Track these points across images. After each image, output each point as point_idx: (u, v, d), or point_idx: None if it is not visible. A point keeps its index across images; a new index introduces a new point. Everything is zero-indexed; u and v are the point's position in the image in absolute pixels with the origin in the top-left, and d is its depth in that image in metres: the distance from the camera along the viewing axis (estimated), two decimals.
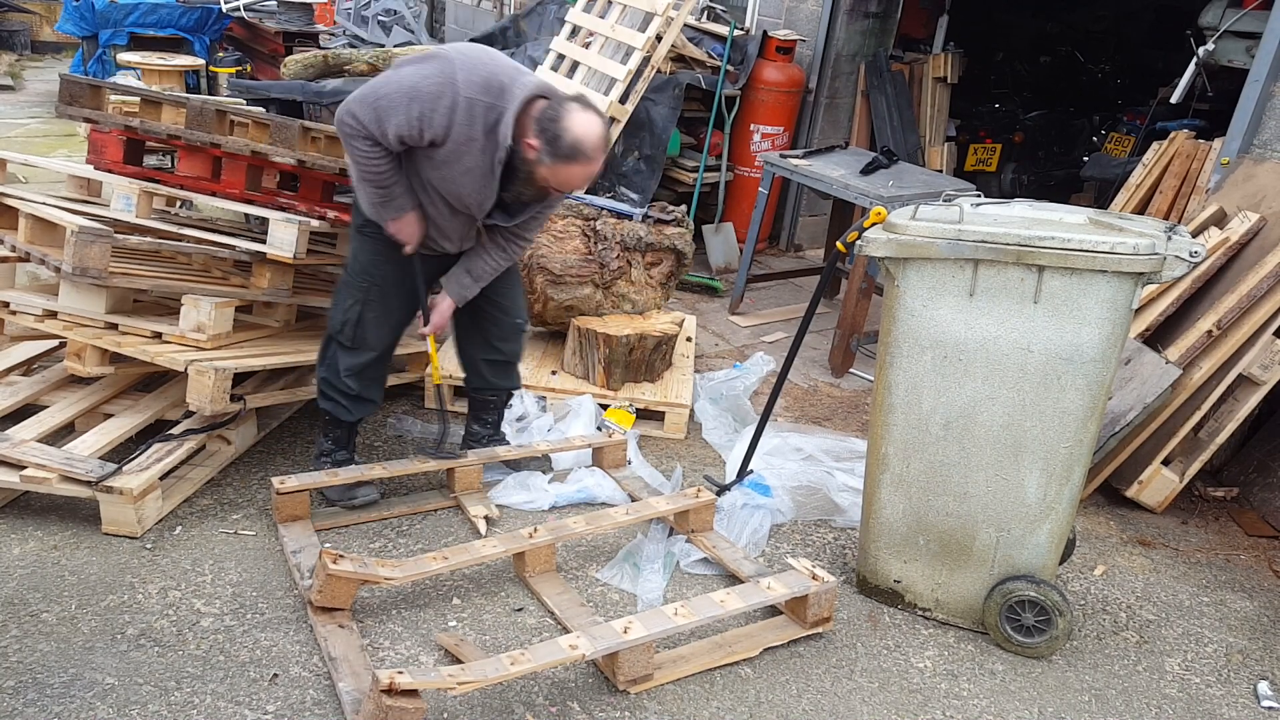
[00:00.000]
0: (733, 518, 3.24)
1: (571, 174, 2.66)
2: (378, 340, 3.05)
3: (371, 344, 3.04)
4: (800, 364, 4.64)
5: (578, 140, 2.59)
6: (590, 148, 2.61)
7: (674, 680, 2.56)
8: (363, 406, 3.15)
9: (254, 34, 8.81)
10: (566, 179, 2.68)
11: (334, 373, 3.08)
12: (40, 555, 2.81)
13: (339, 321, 3.01)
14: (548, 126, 2.59)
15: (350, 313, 2.99)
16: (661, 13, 5.18)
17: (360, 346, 3.02)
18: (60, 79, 3.62)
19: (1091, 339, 2.52)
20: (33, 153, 5.62)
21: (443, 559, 2.68)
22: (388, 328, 3.05)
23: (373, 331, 3.01)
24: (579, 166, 2.64)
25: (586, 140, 2.60)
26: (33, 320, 3.16)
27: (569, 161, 2.62)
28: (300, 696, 2.40)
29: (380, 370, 3.16)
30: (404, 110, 2.58)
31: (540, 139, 2.61)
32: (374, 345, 3.04)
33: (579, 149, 2.60)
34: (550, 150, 2.60)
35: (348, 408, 3.12)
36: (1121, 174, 5.26)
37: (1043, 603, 2.73)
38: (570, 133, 2.58)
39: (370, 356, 3.06)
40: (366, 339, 3.01)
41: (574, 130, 2.58)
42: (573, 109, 2.60)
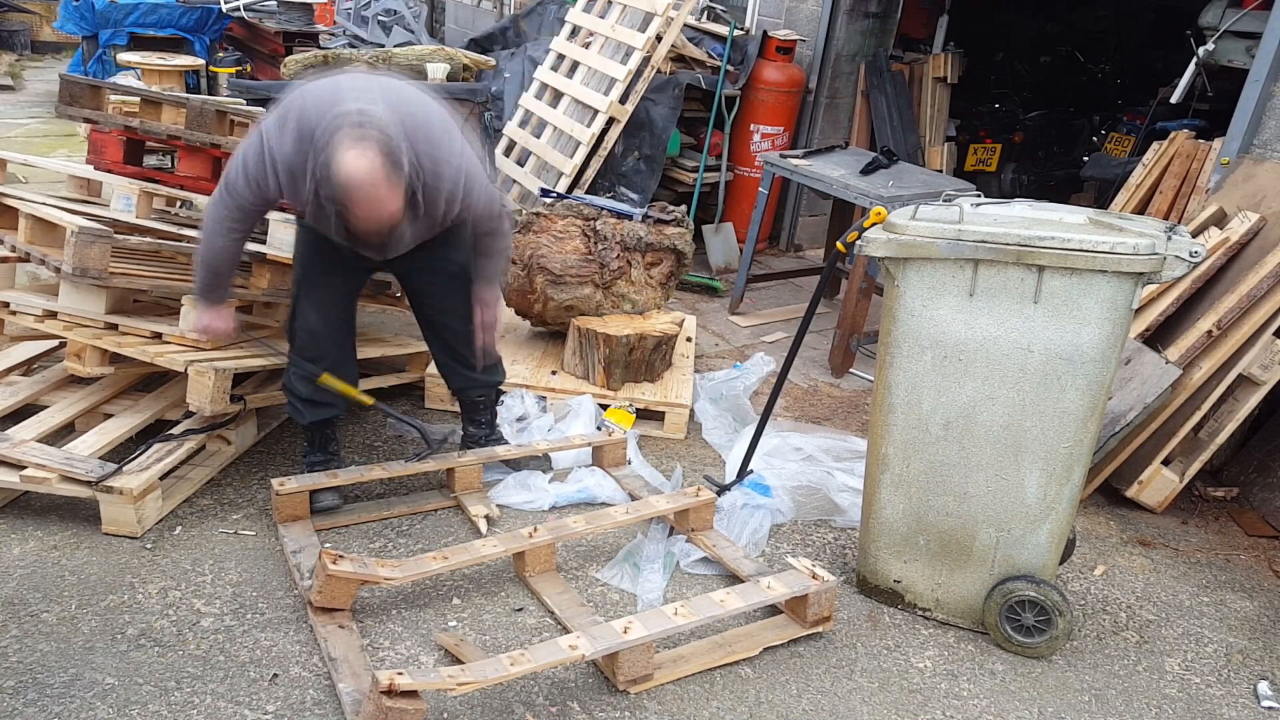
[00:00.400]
0: (733, 517, 3.24)
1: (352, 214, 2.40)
2: (315, 338, 2.94)
3: (310, 343, 2.94)
4: (800, 364, 4.64)
5: (343, 180, 2.31)
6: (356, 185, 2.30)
7: (674, 680, 2.56)
8: (316, 409, 3.07)
9: (254, 34, 8.81)
10: (351, 219, 2.44)
11: (290, 375, 3.04)
12: (40, 555, 2.81)
13: (287, 320, 3.01)
14: (320, 171, 2.34)
15: (291, 307, 2.97)
16: (661, 13, 5.19)
17: (293, 339, 2.97)
18: (60, 79, 3.63)
19: (1091, 339, 2.52)
20: (33, 153, 5.63)
21: (443, 559, 2.68)
22: (318, 320, 2.92)
23: (302, 321, 2.92)
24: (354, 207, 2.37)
25: (350, 179, 2.30)
26: (33, 320, 3.16)
27: (342, 202, 2.36)
28: (300, 696, 2.40)
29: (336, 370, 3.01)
30: (242, 178, 2.55)
31: (321, 178, 2.37)
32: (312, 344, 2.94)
33: (342, 190, 2.33)
34: (328, 194, 2.37)
35: (301, 410, 3.07)
36: (1121, 174, 5.26)
37: (1043, 603, 2.73)
38: (337, 173, 2.31)
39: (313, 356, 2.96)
40: (299, 331, 2.94)
41: (342, 170, 2.30)
42: (338, 146, 2.30)
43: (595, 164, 5.31)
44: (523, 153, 5.83)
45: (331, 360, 3.00)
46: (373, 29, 9.72)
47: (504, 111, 6.26)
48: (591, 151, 5.28)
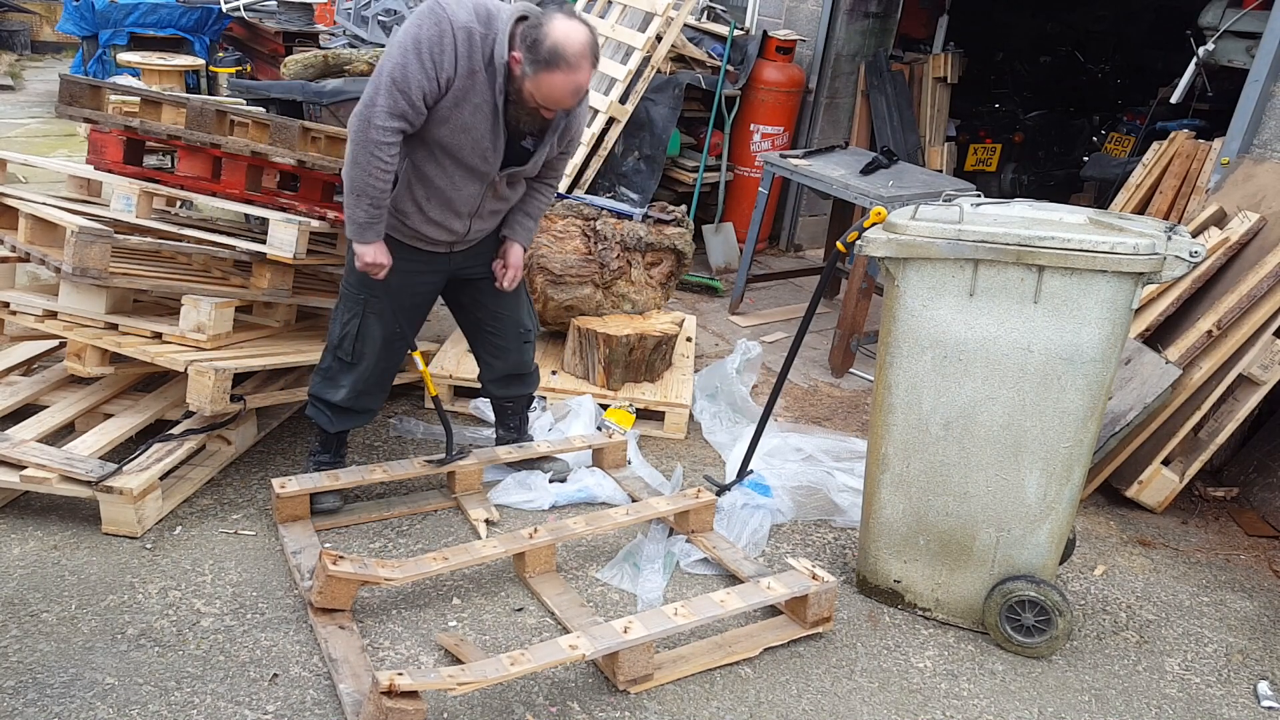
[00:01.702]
0: (733, 518, 3.24)
1: (553, 84, 2.52)
2: (375, 353, 2.98)
3: (369, 357, 2.97)
4: (800, 364, 4.64)
5: (556, 44, 2.46)
6: (572, 54, 2.47)
7: (674, 680, 2.56)
8: (349, 418, 3.10)
9: (254, 34, 8.81)
10: (549, 91, 2.54)
11: (324, 386, 3.04)
12: (40, 555, 2.81)
13: (338, 335, 2.97)
14: (529, 33, 2.49)
15: (350, 326, 2.94)
16: (661, 13, 5.19)
17: (359, 360, 2.97)
18: (60, 79, 3.62)
19: (1091, 339, 2.52)
20: (33, 153, 5.63)
21: (443, 559, 2.68)
22: (385, 340, 2.97)
23: (370, 344, 2.95)
24: (560, 74, 2.50)
25: (568, 45, 2.47)
26: (33, 320, 3.16)
27: (549, 69, 2.48)
28: (300, 697, 2.40)
29: (378, 384, 3.09)
30: (416, 63, 2.49)
31: (522, 48, 2.51)
32: (372, 358, 2.98)
33: (558, 54, 2.47)
34: (531, 58, 2.49)
35: (330, 418, 3.08)
36: (1121, 174, 5.26)
37: (1043, 603, 2.73)
38: (550, 37, 2.46)
39: (368, 370, 3.00)
40: (364, 352, 2.95)
41: (553, 35, 2.46)
42: (555, 16, 2.49)
43: (595, 164, 5.31)
44: None
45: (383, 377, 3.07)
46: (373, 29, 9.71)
47: None
48: (591, 151, 5.28)
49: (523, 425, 3.50)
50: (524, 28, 2.53)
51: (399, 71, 2.50)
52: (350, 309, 2.94)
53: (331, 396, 3.03)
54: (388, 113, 2.53)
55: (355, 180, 2.62)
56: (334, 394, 3.03)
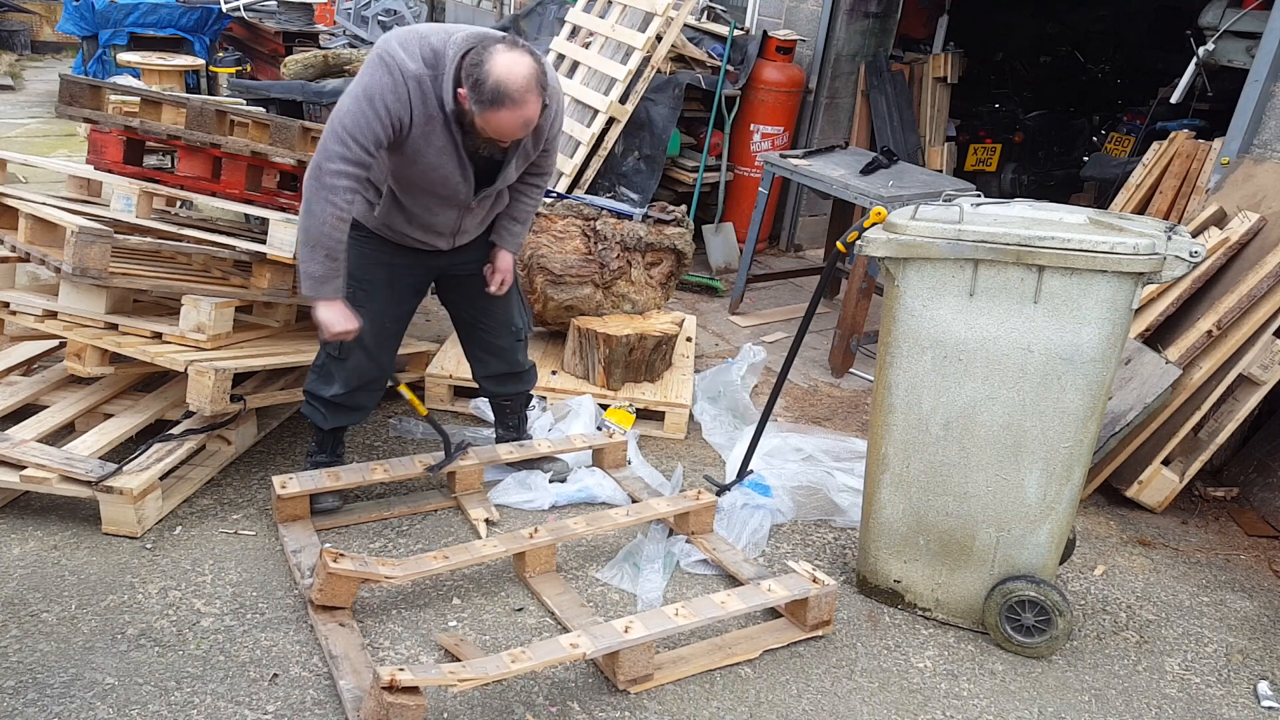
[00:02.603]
0: (733, 518, 3.24)
1: (500, 121, 2.49)
2: (364, 349, 2.93)
3: (359, 353, 2.94)
4: (800, 364, 4.64)
5: (499, 83, 2.43)
6: (515, 90, 2.44)
7: (674, 680, 2.56)
8: (343, 415, 3.09)
9: (254, 34, 8.81)
10: (498, 127, 2.52)
11: (318, 382, 3.03)
12: (40, 555, 2.81)
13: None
14: (471, 72, 2.45)
15: None
16: (661, 13, 5.19)
17: (347, 356, 2.94)
18: (60, 79, 3.62)
19: (1091, 339, 2.52)
20: (33, 153, 5.62)
21: (443, 558, 2.68)
22: (375, 335, 2.92)
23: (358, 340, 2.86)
24: (506, 112, 2.47)
25: (510, 82, 2.43)
26: (33, 320, 3.16)
27: (495, 107, 2.46)
28: (300, 696, 2.40)
29: (370, 380, 3.06)
30: (370, 112, 2.50)
31: (467, 86, 2.48)
32: (361, 354, 2.94)
33: (501, 92, 2.43)
34: (475, 98, 2.46)
35: (325, 415, 3.08)
36: (1121, 174, 5.26)
37: (1043, 603, 2.73)
38: (491, 76, 2.42)
39: (358, 366, 2.97)
40: (353, 347, 2.90)
41: (495, 73, 2.42)
42: (496, 52, 2.44)
43: (595, 164, 5.31)
44: None
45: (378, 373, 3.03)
46: (373, 29, 9.72)
47: None
48: (591, 151, 5.28)
49: (522, 424, 3.51)
50: (467, 65, 2.48)
51: (349, 119, 2.50)
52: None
53: (324, 392, 3.02)
54: (341, 159, 2.52)
55: (310, 230, 2.57)
56: (327, 390, 3.02)
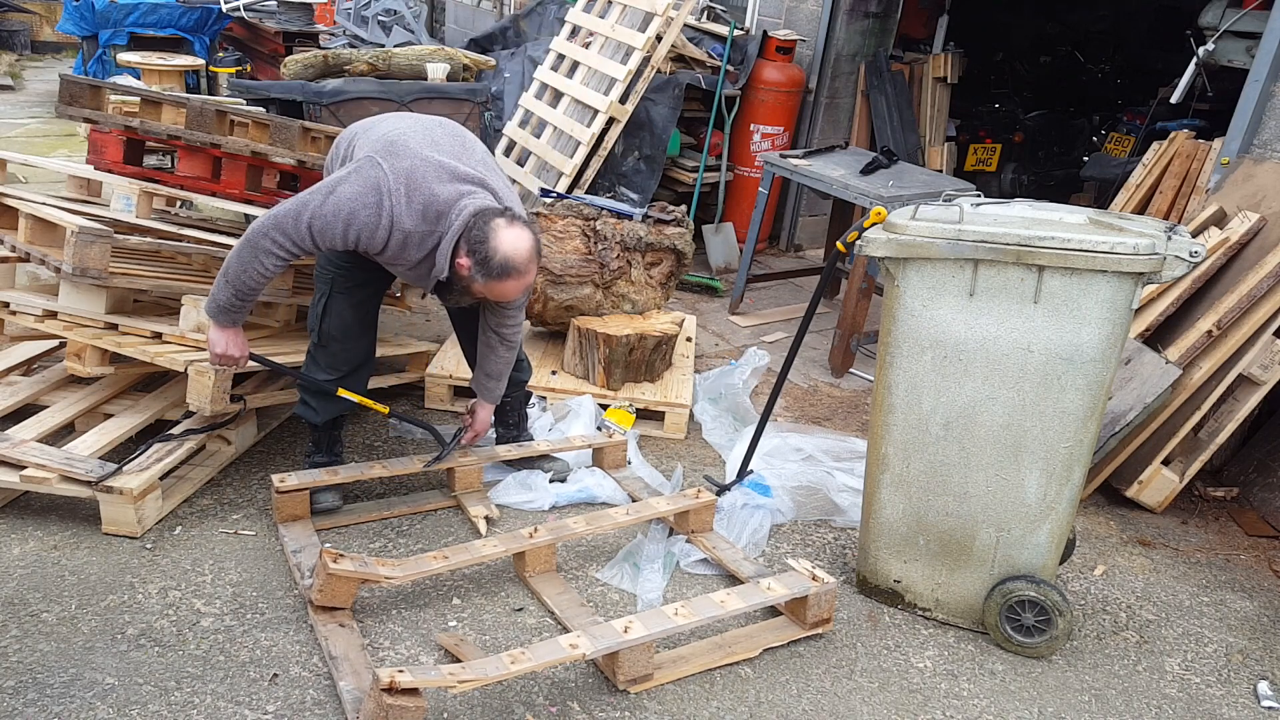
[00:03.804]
0: (733, 518, 3.24)
1: (505, 289, 2.68)
2: (347, 333, 2.98)
3: (339, 338, 2.98)
4: (800, 364, 4.64)
5: (506, 258, 2.60)
6: (521, 263, 2.63)
7: (674, 680, 2.56)
8: (332, 404, 3.09)
9: (254, 34, 8.81)
10: (501, 293, 2.71)
11: (308, 373, 3.07)
12: (40, 555, 2.81)
13: (312, 317, 3.00)
14: (477, 249, 2.60)
15: (319, 305, 2.96)
16: (661, 13, 5.19)
17: (328, 342, 2.99)
18: (60, 79, 3.63)
19: (1091, 339, 2.52)
20: (33, 153, 5.63)
21: (443, 558, 2.68)
22: (355, 320, 2.99)
23: (338, 322, 2.96)
24: (512, 282, 2.65)
25: (516, 257, 2.61)
26: (33, 320, 3.16)
27: (502, 279, 2.64)
28: (300, 696, 2.40)
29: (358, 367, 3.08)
30: (340, 234, 2.62)
31: (471, 260, 2.62)
32: (343, 339, 2.99)
33: (509, 266, 2.61)
34: (482, 270, 2.62)
35: (314, 408, 3.10)
36: (1121, 174, 5.26)
37: (1043, 603, 2.73)
38: (499, 252, 2.59)
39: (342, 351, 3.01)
40: (333, 332, 2.97)
41: (502, 249, 2.59)
42: (499, 227, 2.60)
43: (595, 164, 5.31)
44: (523, 153, 5.83)
45: (363, 356, 3.08)
46: (373, 29, 9.71)
47: (504, 111, 6.25)
48: (591, 151, 5.28)
49: (521, 423, 3.51)
50: (470, 238, 2.61)
51: (319, 223, 2.61)
52: (320, 288, 2.97)
53: (318, 375, 3.05)
54: (288, 244, 2.63)
55: (232, 270, 2.68)
56: (319, 374, 3.05)
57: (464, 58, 5.61)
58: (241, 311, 2.77)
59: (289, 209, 2.63)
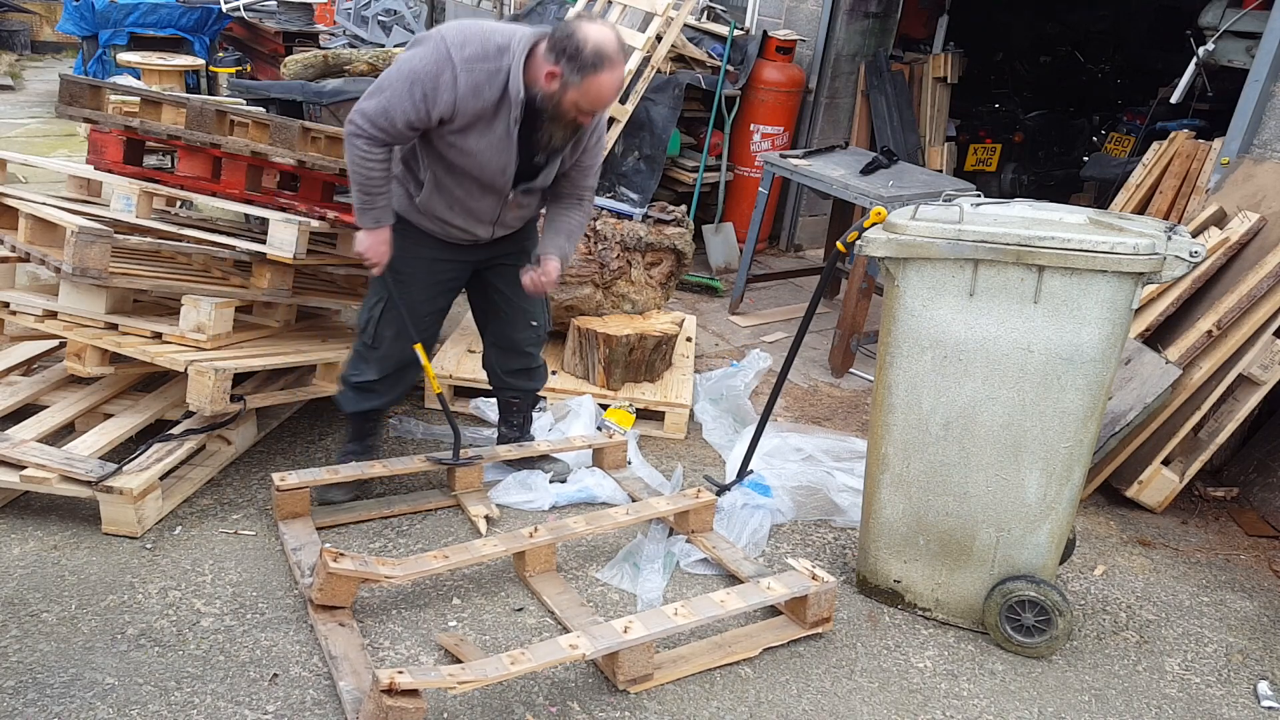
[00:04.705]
0: (733, 518, 3.24)
1: (601, 84, 2.59)
2: (397, 338, 3.03)
3: (389, 343, 3.04)
4: (800, 364, 4.64)
5: (598, 47, 2.55)
6: (613, 51, 2.58)
7: (674, 680, 2.56)
8: (368, 398, 3.17)
9: (254, 34, 8.81)
10: (598, 92, 2.61)
11: (352, 369, 3.15)
12: (40, 555, 2.81)
13: (363, 320, 3.06)
14: (565, 45, 2.56)
15: (374, 310, 3.02)
16: (661, 13, 5.19)
17: (379, 345, 3.04)
18: (60, 79, 3.63)
19: (1091, 339, 2.52)
20: (33, 153, 5.62)
21: (443, 558, 2.68)
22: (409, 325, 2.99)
23: (392, 330, 3.01)
24: (606, 74, 2.58)
25: (607, 45, 2.57)
26: (33, 320, 3.16)
27: (596, 71, 2.56)
28: (300, 696, 2.40)
29: (399, 371, 3.14)
30: (407, 95, 2.59)
31: (560, 61, 2.57)
32: (393, 342, 3.04)
33: (602, 55, 2.55)
34: (574, 66, 2.56)
35: (350, 396, 3.18)
36: (1121, 174, 5.26)
37: (1043, 603, 2.73)
38: (589, 42, 2.55)
39: (389, 356, 3.07)
40: (385, 337, 3.03)
41: (591, 39, 2.55)
42: (582, 23, 2.59)
43: None
44: None
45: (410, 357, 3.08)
46: (373, 29, 9.71)
47: None
48: None
49: (526, 424, 3.51)
50: (554, 43, 2.58)
51: (387, 98, 2.62)
52: (376, 294, 3.01)
53: (356, 378, 3.14)
54: (369, 125, 2.64)
55: (349, 166, 2.73)
56: (358, 376, 3.13)
57: None
58: (374, 208, 2.77)
59: (367, 92, 2.66)
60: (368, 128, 2.64)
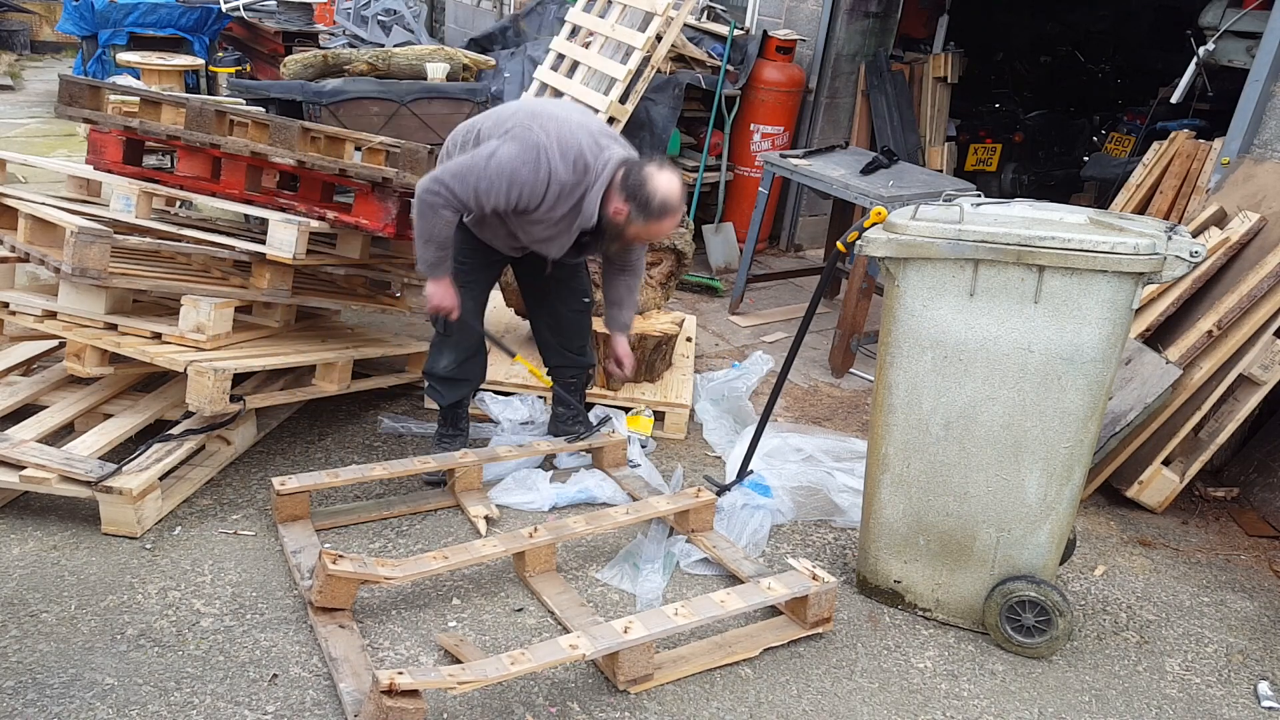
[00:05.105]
0: (733, 518, 3.24)
1: (662, 227, 2.94)
2: (467, 323, 3.21)
3: (461, 327, 3.21)
4: (800, 364, 4.63)
5: (665, 200, 2.87)
6: (675, 203, 2.90)
7: (674, 680, 2.55)
8: (456, 388, 3.38)
9: (254, 34, 8.80)
10: (656, 232, 2.97)
11: (432, 361, 3.34)
12: (40, 555, 2.81)
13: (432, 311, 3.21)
14: (636, 193, 2.87)
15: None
16: (661, 13, 5.18)
17: (452, 332, 3.22)
18: (60, 79, 3.63)
19: (1092, 339, 2.51)
20: (33, 153, 5.62)
21: (443, 558, 2.68)
22: (476, 310, 3.27)
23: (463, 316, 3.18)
24: (668, 220, 2.92)
25: (672, 198, 2.88)
26: (32, 320, 3.16)
27: (659, 219, 2.90)
28: (300, 697, 2.40)
29: (474, 353, 3.35)
30: (504, 193, 2.85)
31: (630, 204, 2.89)
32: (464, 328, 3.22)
33: (667, 206, 2.88)
34: (641, 212, 2.89)
35: (442, 392, 3.37)
36: (1121, 174, 5.26)
37: (1043, 603, 2.73)
38: (659, 194, 2.86)
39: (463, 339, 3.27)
40: (456, 324, 3.19)
41: (660, 191, 2.86)
42: (652, 173, 2.88)
43: None
44: None
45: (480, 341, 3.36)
46: (372, 29, 9.71)
47: None
48: None
49: (580, 402, 3.62)
50: (628, 185, 2.89)
51: (484, 183, 2.85)
52: None
53: (438, 369, 3.33)
54: (454, 199, 2.87)
55: (422, 230, 2.95)
56: (439, 366, 3.33)
57: (464, 57, 5.62)
58: (445, 262, 3.01)
59: (453, 172, 2.87)
60: (454, 201, 2.87)
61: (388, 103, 5.13)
